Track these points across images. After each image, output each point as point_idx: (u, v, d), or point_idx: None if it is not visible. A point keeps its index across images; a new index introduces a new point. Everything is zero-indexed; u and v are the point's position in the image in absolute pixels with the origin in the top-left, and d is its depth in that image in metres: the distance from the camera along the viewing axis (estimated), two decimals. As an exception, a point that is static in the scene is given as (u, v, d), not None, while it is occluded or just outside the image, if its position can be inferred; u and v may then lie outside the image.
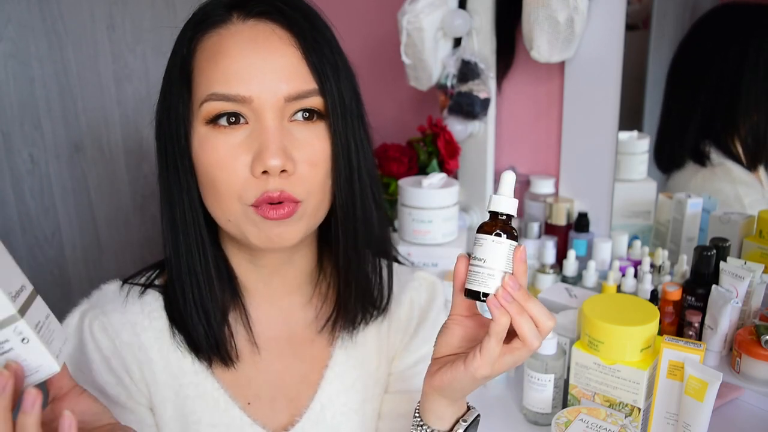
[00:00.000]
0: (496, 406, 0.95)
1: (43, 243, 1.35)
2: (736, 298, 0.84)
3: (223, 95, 0.58)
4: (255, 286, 0.69)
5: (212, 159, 0.59)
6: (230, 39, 0.59)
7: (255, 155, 0.58)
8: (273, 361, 0.70)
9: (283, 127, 0.59)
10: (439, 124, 1.21)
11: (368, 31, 1.50)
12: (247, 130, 0.59)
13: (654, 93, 1.11)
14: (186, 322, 0.65)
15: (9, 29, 1.22)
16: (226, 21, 0.60)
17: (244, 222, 0.60)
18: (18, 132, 1.27)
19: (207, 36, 0.60)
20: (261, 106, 0.58)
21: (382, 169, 1.23)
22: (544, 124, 1.22)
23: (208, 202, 0.62)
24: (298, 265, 0.70)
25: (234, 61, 0.58)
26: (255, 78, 0.58)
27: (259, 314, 0.70)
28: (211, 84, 0.58)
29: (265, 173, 0.58)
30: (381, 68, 1.53)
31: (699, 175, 1.06)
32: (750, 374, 0.83)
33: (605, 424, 0.73)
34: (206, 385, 0.67)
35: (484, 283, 0.52)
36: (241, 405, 0.68)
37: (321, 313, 0.72)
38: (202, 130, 0.60)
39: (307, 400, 0.70)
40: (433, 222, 1.04)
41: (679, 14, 1.08)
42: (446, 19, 1.15)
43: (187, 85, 0.60)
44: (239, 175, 0.58)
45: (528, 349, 0.53)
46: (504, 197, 0.54)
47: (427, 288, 0.79)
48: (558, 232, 1.17)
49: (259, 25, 0.60)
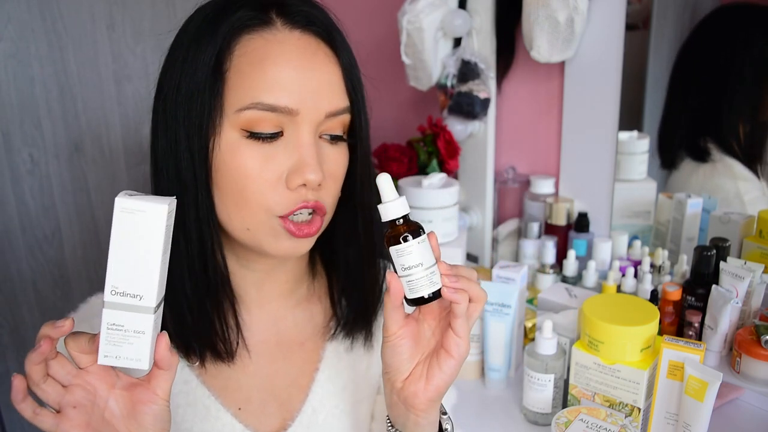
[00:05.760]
0: (496, 406, 0.95)
1: (43, 243, 1.35)
2: (736, 298, 0.84)
3: (270, 106, 0.56)
4: (246, 290, 0.68)
5: (245, 168, 0.57)
6: (278, 47, 0.57)
7: (294, 168, 0.57)
8: (263, 366, 0.69)
9: (316, 141, 0.59)
10: (439, 124, 1.21)
11: (368, 31, 1.50)
12: (282, 143, 0.58)
13: (654, 93, 1.11)
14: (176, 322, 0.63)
15: (9, 29, 1.22)
16: (269, 25, 0.58)
17: (264, 232, 0.60)
18: (18, 132, 1.27)
19: (248, 37, 0.58)
20: (303, 119, 0.58)
21: (382, 169, 1.23)
22: (544, 124, 1.22)
23: (227, 209, 0.60)
24: (290, 268, 0.70)
25: (283, 70, 0.57)
26: (302, 91, 0.57)
27: (250, 318, 0.69)
28: (255, 92, 0.56)
29: (301, 186, 0.58)
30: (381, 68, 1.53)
31: (700, 171, 1.06)
32: (750, 374, 0.83)
33: (605, 424, 0.73)
34: (196, 393, 0.66)
35: (429, 284, 0.53)
36: (232, 411, 0.67)
37: (312, 316, 0.72)
38: (234, 135, 0.57)
39: (298, 404, 0.70)
40: (433, 222, 1.04)
41: (679, 14, 1.08)
42: (446, 19, 1.15)
43: (222, 82, 0.57)
44: (272, 187, 0.58)
45: (483, 301, 0.56)
46: (389, 203, 0.54)
47: None
48: (558, 232, 1.17)
49: (305, 36, 0.59)
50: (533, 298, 1.11)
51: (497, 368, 0.97)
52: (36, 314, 1.36)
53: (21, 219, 1.31)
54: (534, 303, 1.09)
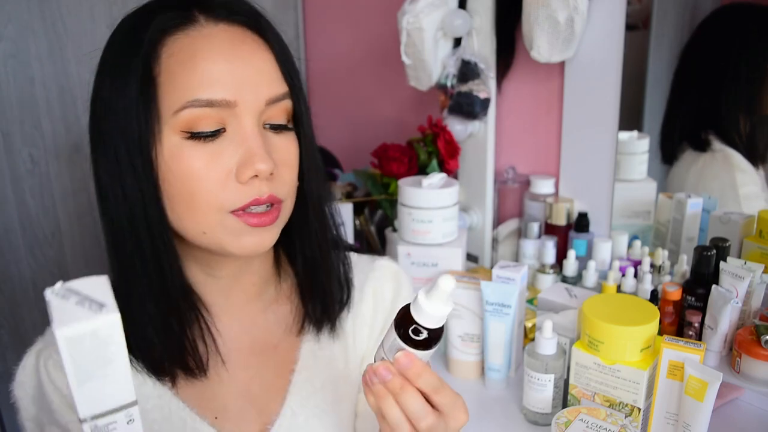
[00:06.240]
0: (496, 406, 0.95)
1: (43, 243, 1.35)
2: (736, 298, 0.84)
3: (207, 101, 0.55)
4: (214, 299, 0.67)
5: (191, 170, 0.56)
6: (204, 42, 0.56)
7: (241, 161, 0.57)
8: (238, 373, 0.68)
9: (261, 131, 0.58)
10: (439, 124, 1.21)
11: (368, 31, 1.51)
12: (226, 138, 0.57)
13: (654, 93, 1.11)
14: (141, 344, 0.61)
15: (9, 29, 1.22)
16: (192, 22, 0.57)
17: (220, 232, 0.58)
18: (18, 132, 1.27)
19: (174, 38, 0.57)
20: (244, 110, 0.57)
21: (382, 169, 1.23)
22: (544, 124, 1.22)
23: (178, 215, 0.59)
24: (256, 270, 0.69)
25: (214, 64, 0.56)
26: (237, 82, 0.56)
27: (221, 327, 0.68)
28: (189, 90, 0.55)
29: (253, 178, 0.57)
30: (381, 68, 1.54)
31: (699, 161, 1.06)
32: (750, 374, 0.82)
33: (605, 424, 0.73)
34: (171, 406, 0.65)
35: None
36: (209, 420, 0.66)
37: (283, 316, 0.71)
38: (175, 139, 0.56)
39: (277, 407, 0.69)
40: (432, 222, 1.04)
41: (679, 14, 1.08)
42: (446, 19, 1.15)
43: (153, 89, 0.56)
44: (221, 183, 0.57)
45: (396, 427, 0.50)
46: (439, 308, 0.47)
47: (391, 278, 0.77)
48: (558, 232, 1.17)
49: (231, 27, 0.58)
50: (533, 298, 1.11)
51: (497, 368, 0.97)
52: (36, 314, 1.36)
53: (21, 219, 1.31)
54: (534, 303, 1.09)
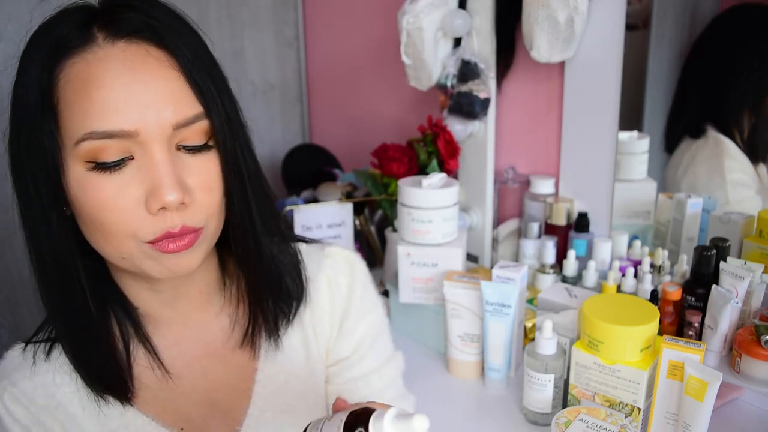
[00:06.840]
0: (496, 406, 0.95)
1: (43, 243, 1.34)
2: (736, 298, 0.84)
3: (105, 132, 0.51)
4: (160, 312, 0.66)
5: (98, 201, 0.53)
6: (100, 66, 0.52)
7: (149, 192, 0.53)
8: (199, 381, 0.68)
9: (172, 156, 0.54)
10: (439, 124, 1.21)
11: (368, 31, 1.51)
12: (134, 167, 0.54)
13: (654, 93, 1.11)
14: (87, 366, 0.61)
15: (9, 29, 1.22)
16: (90, 43, 0.53)
17: (140, 258, 0.56)
18: (18, 132, 1.27)
19: (70, 62, 0.53)
20: (148, 138, 0.53)
21: (382, 169, 1.23)
22: (544, 124, 1.22)
23: (95, 241, 0.57)
24: (200, 279, 0.67)
25: (110, 91, 0.51)
26: (137, 109, 0.52)
27: (172, 338, 0.67)
28: (87, 120, 0.51)
29: (163, 209, 0.54)
30: (381, 68, 1.54)
31: (693, 146, 1.07)
32: (750, 374, 0.82)
33: (605, 424, 0.73)
34: (136, 423, 0.64)
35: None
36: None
37: (237, 318, 0.70)
38: (80, 170, 0.53)
39: (244, 409, 0.68)
40: (432, 222, 1.04)
41: (679, 14, 1.08)
42: (446, 19, 1.15)
43: (53, 117, 0.53)
44: (132, 214, 0.54)
45: None
46: None
47: (344, 264, 0.75)
48: (558, 232, 1.17)
49: (131, 47, 0.53)
50: (533, 298, 1.11)
51: (497, 368, 0.97)
52: (36, 314, 1.36)
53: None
54: (534, 303, 1.09)
